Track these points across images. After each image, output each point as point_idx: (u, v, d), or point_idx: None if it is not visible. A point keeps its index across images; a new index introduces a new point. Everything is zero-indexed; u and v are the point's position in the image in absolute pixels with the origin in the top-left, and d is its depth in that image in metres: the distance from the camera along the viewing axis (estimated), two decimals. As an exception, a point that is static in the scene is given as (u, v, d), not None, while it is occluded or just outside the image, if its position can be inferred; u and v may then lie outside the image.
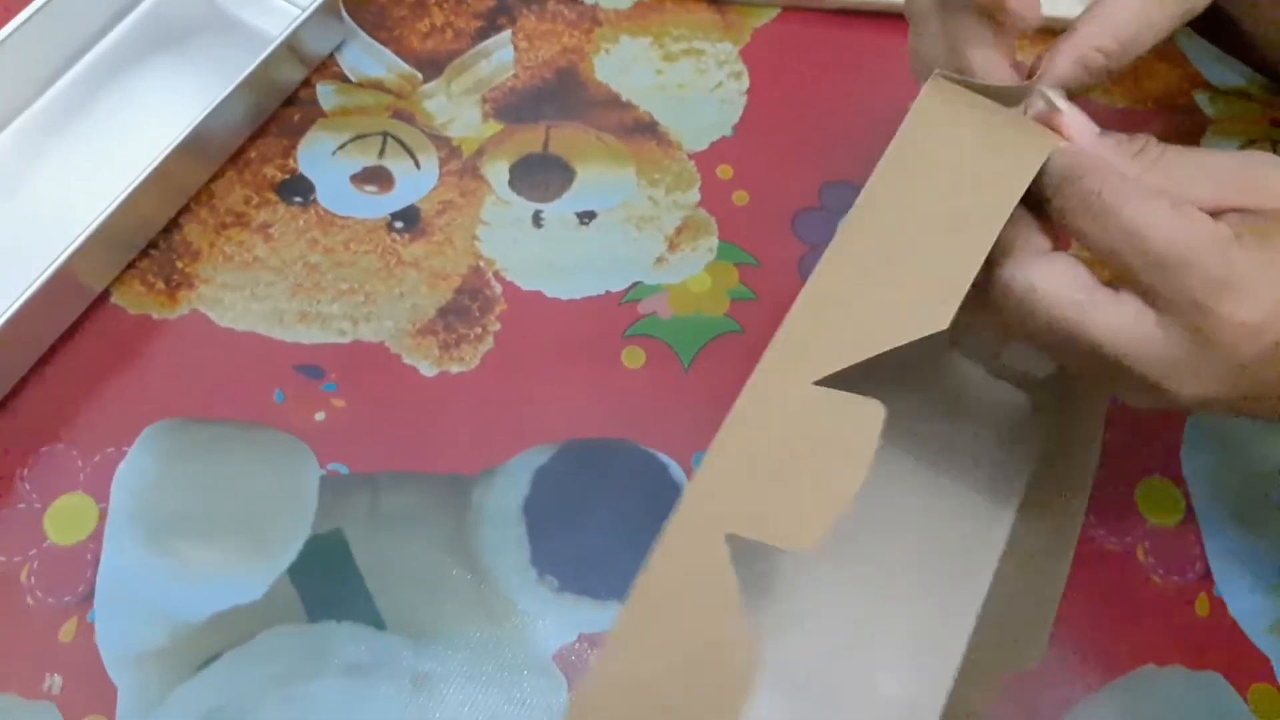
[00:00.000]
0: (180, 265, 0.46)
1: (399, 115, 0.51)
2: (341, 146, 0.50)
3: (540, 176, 0.50)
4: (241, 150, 0.49)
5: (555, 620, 0.40)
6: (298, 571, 0.40)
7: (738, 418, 0.29)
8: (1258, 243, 0.29)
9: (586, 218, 0.49)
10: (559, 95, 0.52)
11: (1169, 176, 0.31)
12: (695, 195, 0.50)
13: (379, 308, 0.46)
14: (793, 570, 0.40)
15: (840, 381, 0.29)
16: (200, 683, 0.38)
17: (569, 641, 0.40)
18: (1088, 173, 0.31)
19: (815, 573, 0.41)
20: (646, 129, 0.51)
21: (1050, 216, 0.32)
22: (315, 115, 0.50)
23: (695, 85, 0.53)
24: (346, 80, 0.52)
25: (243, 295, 0.46)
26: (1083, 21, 0.34)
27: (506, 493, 0.42)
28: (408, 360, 0.45)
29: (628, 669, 0.28)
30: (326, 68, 0.52)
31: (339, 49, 0.52)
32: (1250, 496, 0.44)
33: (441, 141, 0.50)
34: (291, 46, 0.48)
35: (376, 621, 0.40)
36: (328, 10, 0.49)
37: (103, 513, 0.41)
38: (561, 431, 0.44)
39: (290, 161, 0.49)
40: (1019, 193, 0.31)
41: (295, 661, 0.39)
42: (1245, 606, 0.42)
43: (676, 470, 0.43)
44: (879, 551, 0.41)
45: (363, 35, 0.53)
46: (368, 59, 0.52)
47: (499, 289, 0.47)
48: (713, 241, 0.48)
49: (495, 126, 0.51)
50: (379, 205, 0.48)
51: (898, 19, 0.54)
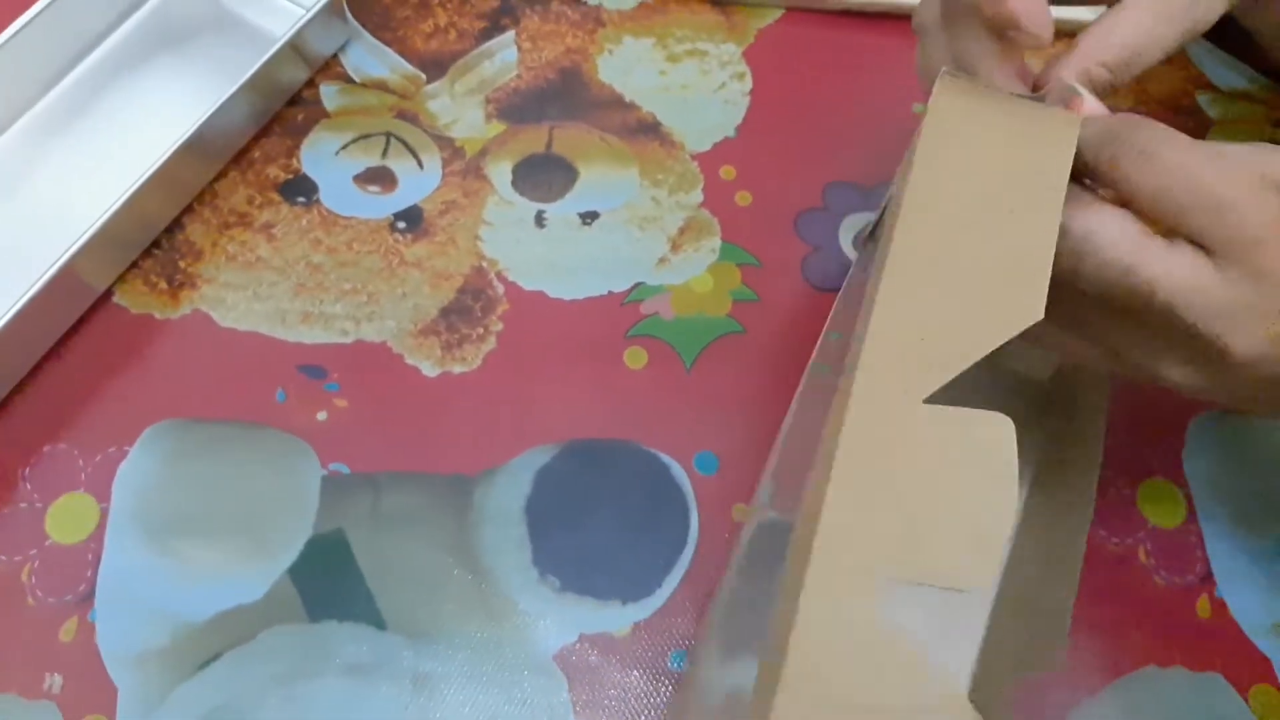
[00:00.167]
0: (183, 265, 0.46)
1: (402, 115, 0.51)
2: (345, 146, 0.50)
3: (543, 177, 0.50)
4: (245, 150, 0.49)
5: (556, 620, 0.40)
6: (299, 571, 0.40)
7: (850, 449, 0.28)
8: None
9: (589, 218, 0.49)
10: (562, 96, 0.52)
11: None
12: (698, 196, 0.50)
13: (381, 308, 0.46)
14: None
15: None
16: (201, 682, 0.38)
17: (570, 642, 0.40)
18: (1137, 125, 0.31)
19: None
20: (649, 129, 0.51)
21: (1096, 174, 0.32)
22: (318, 115, 0.50)
23: (698, 86, 0.53)
24: (350, 80, 0.52)
25: (245, 295, 0.46)
26: (1087, 35, 0.34)
27: (508, 493, 0.42)
28: (410, 360, 0.45)
29: None
30: (330, 68, 0.52)
31: (343, 49, 0.52)
32: (1252, 498, 0.44)
33: (444, 142, 0.50)
34: (295, 46, 0.48)
35: (377, 621, 0.40)
36: (331, 10, 0.49)
37: (104, 512, 0.41)
38: (563, 432, 0.44)
39: (293, 161, 0.49)
40: (1066, 173, 0.30)
41: (296, 661, 0.39)
42: (1246, 608, 0.42)
43: (678, 470, 0.43)
44: None
45: (366, 35, 0.53)
46: (371, 59, 0.52)
47: (501, 289, 0.47)
48: (715, 242, 0.48)
49: (498, 127, 0.51)
50: (382, 205, 0.48)
51: (901, 20, 0.54)
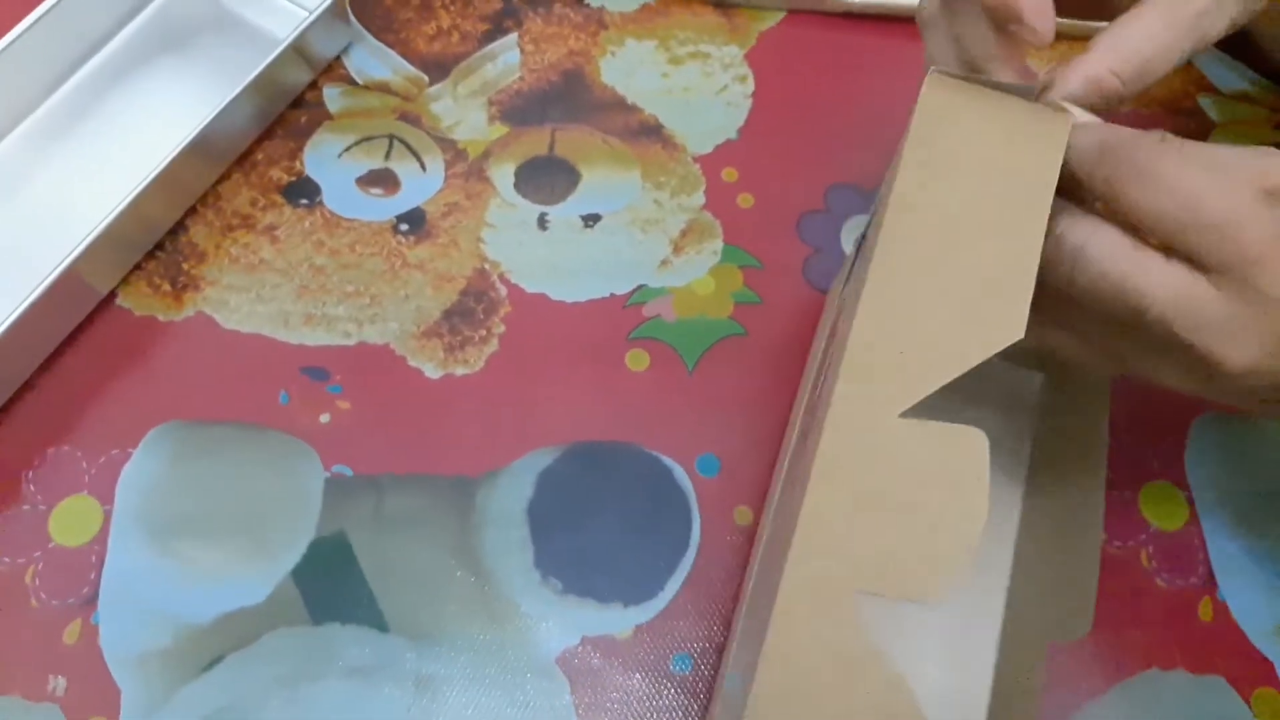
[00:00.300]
0: (186, 267, 0.46)
1: (405, 118, 0.51)
2: (347, 149, 0.50)
3: (545, 179, 0.50)
4: (248, 152, 0.49)
5: (558, 623, 0.40)
6: (301, 573, 0.40)
7: (827, 460, 0.28)
8: None
9: (591, 220, 0.49)
10: (564, 98, 0.52)
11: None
12: (700, 198, 0.50)
13: (384, 310, 0.46)
14: None
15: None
16: (204, 684, 0.39)
17: (572, 644, 0.40)
18: (1131, 143, 0.31)
19: None
20: (652, 132, 0.51)
21: (1091, 189, 0.32)
22: (321, 118, 0.51)
23: (700, 88, 0.53)
24: (353, 83, 0.52)
25: (248, 297, 0.46)
26: (1099, 41, 0.34)
27: (510, 495, 0.42)
28: (413, 362, 0.45)
29: None
30: (333, 70, 0.52)
31: (345, 52, 0.52)
32: (1254, 500, 0.44)
33: (447, 144, 0.50)
34: (298, 49, 0.48)
35: (380, 623, 0.40)
36: (334, 13, 0.49)
37: (107, 514, 0.41)
38: (566, 434, 0.44)
39: (296, 164, 0.49)
40: (1053, 180, 0.30)
41: (299, 663, 0.39)
42: (1248, 610, 0.42)
43: (680, 473, 0.43)
44: None
45: (369, 38, 0.53)
46: (374, 61, 0.52)
47: (504, 291, 0.47)
48: (717, 244, 0.48)
49: (501, 129, 0.51)
50: (384, 208, 0.48)
51: (902, 22, 0.55)
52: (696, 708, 0.39)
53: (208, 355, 0.45)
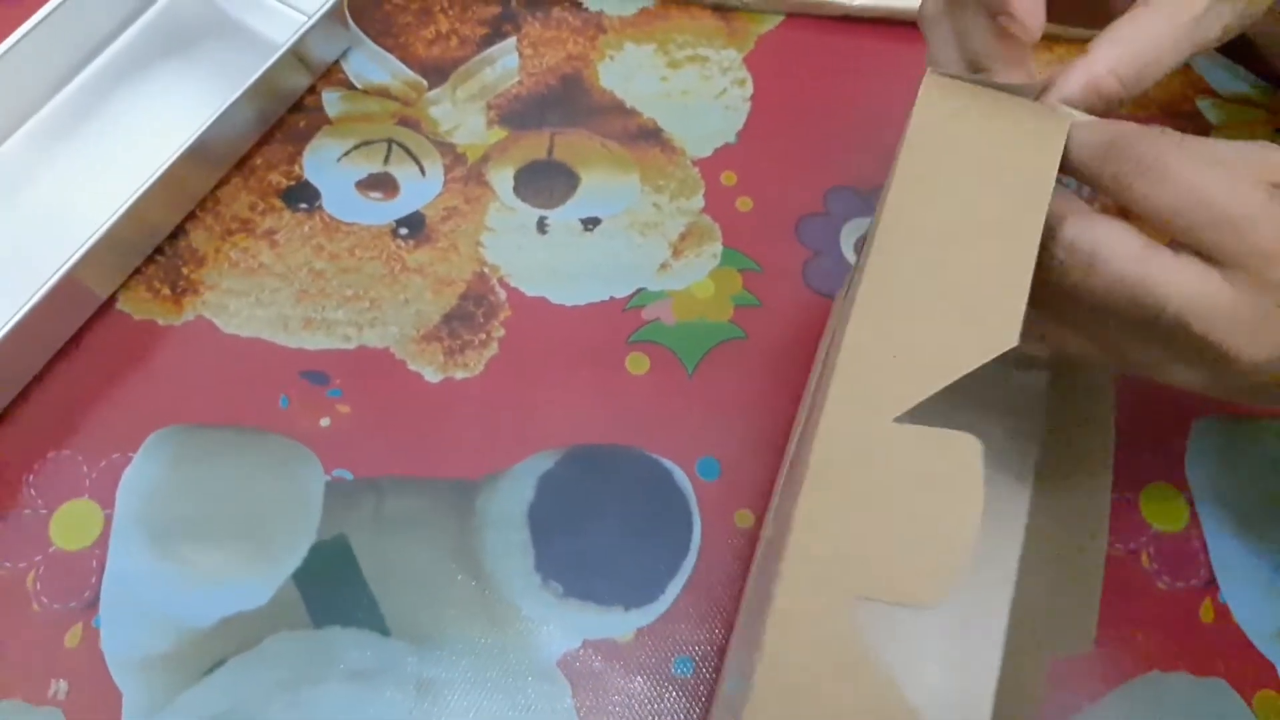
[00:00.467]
0: (186, 271, 0.46)
1: (404, 122, 0.51)
2: (347, 153, 0.50)
3: (545, 183, 0.50)
4: (247, 157, 0.49)
5: (559, 626, 0.40)
6: (302, 577, 0.40)
7: (821, 464, 0.28)
8: None
9: (591, 224, 0.49)
10: (563, 102, 0.52)
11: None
12: (699, 201, 0.50)
13: (384, 314, 0.46)
14: None
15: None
16: (205, 688, 0.39)
17: (573, 647, 0.40)
18: (1137, 138, 0.31)
19: None
20: (651, 135, 0.51)
21: (1099, 187, 0.32)
22: (321, 122, 0.51)
23: (699, 92, 0.53)
24: (352, 87, 0.52)
25: (248, 301, 0.46)
26: (1098, 43, 0.34)
27: (511, 498, 0.42)
28: (412, 366, 0.45)
29: None
30: (332, 74, 0.52)
31: (345, 56, 0.52)
32: (1255, 502, 0.44)
33: (446, 148, 0.50)
34: (297, 53, 0.48)
35: (381, 627, 0.40)
36: (333, 17, 0.50)
37: (108, 518, 0.41)
38: (566, 437, 0.44)
39: (296, 168, 0.49)
40: (1050, 183, 0.30)
41: (300, 667, 0.39)
42: (1250, 612, 0.42)
43: (680, 476, 0.43)
44: None
45: (368, 42, 0.53)
46: (373, 66, 0.52)
47: (503, 295, 0.47)
48: (716, 247, 0.49)
49: (500, 133, 0.51)
50: (384, 212, 0.48)
51: (901, 25, 0.55)
52: (698, 711, 0.39)
53: (207, 359, 0.45)
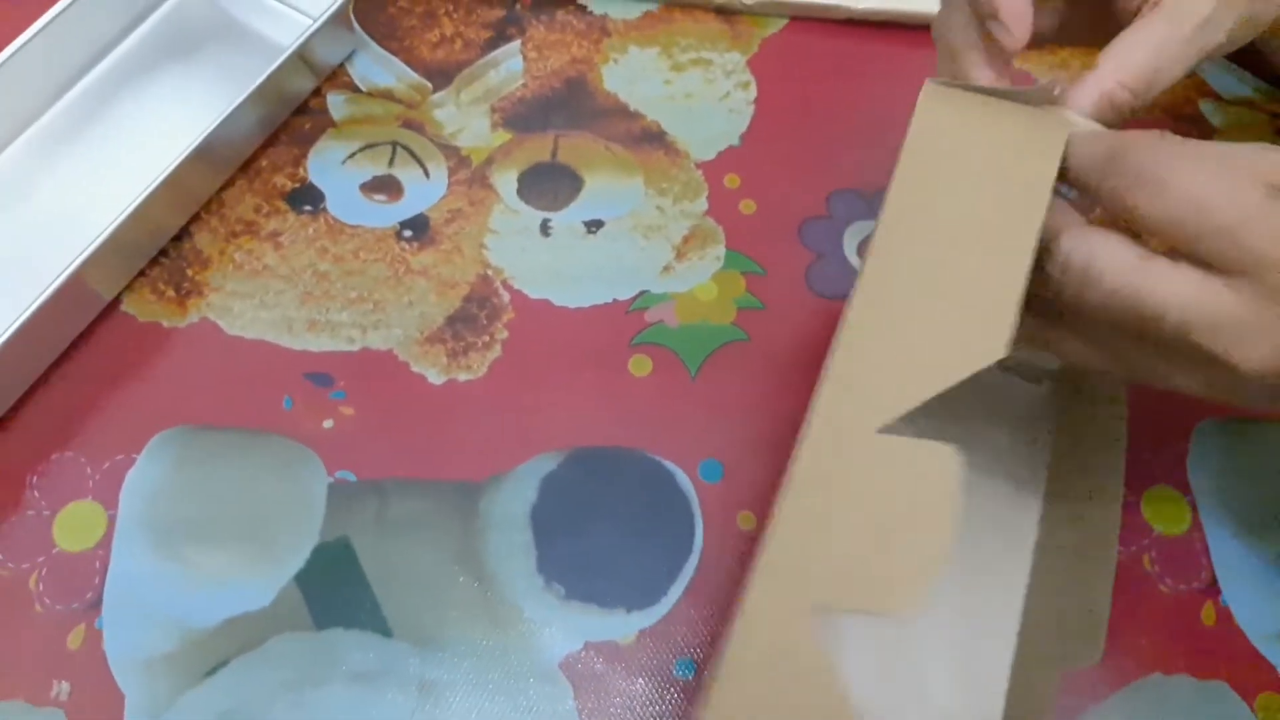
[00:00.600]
0: (190, 273, 0.47)
1: (408, 125, 0.51)
2: (351, 155, 0.50)
3: (548, 185, 0.50)
4: (252, 159, 0.49)
5: (562, 628, 0.40)
6: (305, 578, 0.41)
7: (805, 474, 0.28)
8: None
9: (594, 226, 0.49)
10: (567, 105, 0.52)
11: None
12: (703, 204, 0.50)
13: (387, 316, 0.46)
14: None
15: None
16: (208, 689, 0.39)
17: (575, 649, 0.40)
18: (1133, 150, 0.31)
19: None
20: (654, 138, 0.51)
21: (1097, 199, 0.32)
22: (325, 124, 0.51)
23: (703, 95, 0.53)
24: (357, 90, 0.52)
25: (252, 303, 0.46)
26: (1106, 56, 0.34)
27: (514, 500, 0.43)
28: (416, 368, 0.45)
29: None
30: (337, 77, 0.52)
31: (349, 59, 0.53)
32: (1256, 505, 0.44)
33: (450, 151, 0.50)
34: (302, 56, 0.48)
35: (383, 629, 0.40)
36: (338, 20, 0.50)
37: (111, 519, 0.41)
38: (569, 439, 0.44)
39: (300, 170, 0.49)
40: (1048, 191, 0.30)
41: (303, 668, 0.39)
42: (1251, 615, 0.42)
43: (683, 478, 0.43)
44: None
45: (373, 45, 0.53)
46: (378, 68, 0.52)
47: (507, 297, 0.47)
48: (720, 250, 0.49)
49: (504, 136, 0.51)
50: (388, 214, 0.49)
51: (905, 28, 0.55)
52: (699, 713, 0.39)
53: (211, 361, 0.45)
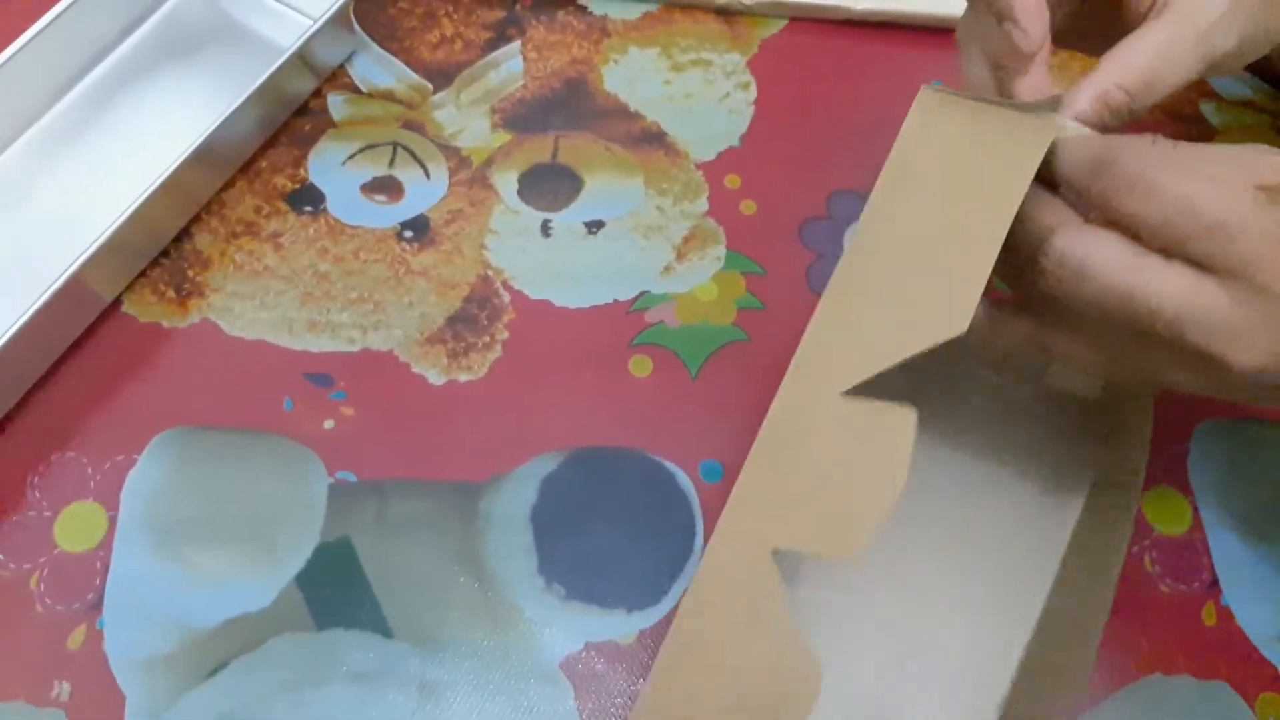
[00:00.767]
0: (191, 274, 0.47)
1: (409, 125, 0.51)
2: (351, 156, 0.50)
3: (549, 186, 0.50)
4: (252, 160, 0.49)
5: (562, 628, 0.40)
6: (306, 579, 0.41)
7: (770, 434, 0.29)
8: None
9: (595, 227, 0.49)
10: (567, 105, 0.52)
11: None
12: (703, 205, 0.50)
13: (388, 316, 0.46)
14: (828, 597, 0.40)
15: (882, 392, 0.29)
16: (209, 689, 0.39)
17: (576, 650, 0.40)
18: (1123, 154, 0.31)
19: (856, 598, 0.41)
20: (654, 139, 0.51)
21: (1088, 203, 0.32)
22: (326, 125, 0.51)
23: (703, 95, 0.53)
24: (357, 90, 0.52)
25: (253, 304, 0.46)
26: (1108, 58, 0.34)
27: (514, 500, 0.43)
28: (416, 369, 0.45)
29: (679, 700, 0.28)
30: (337, 78, 0.52)
31: (350, 59, 0.53)
32: (1257, 505, 0.44)
33: (451, 151, 0.50)
34: (303, 57, 0.48)
35: (384, 629, 0.40)
36: (339, 21, 0.50)
37: (112, 520, 0.41)
38: (569, 439, 0.44)
39: (301, 171, 0.49)
40: (1023, 188, 0.31)
41: (303, 668, 0.39)
42: (1252, 615, 0.42)
43: (684, 478, 0.43)
44: (919, 572, 0.41)
45: (373, 46, 0.53)
46: (378, 69, 0.52)
47: (507, 298, 0.47)
48: (720, 250, 0.49)
49: (504, 136, 0.51)
50: (388, 214, 0.49)
51: (905, 29, 0.55)
52: (700, 713, 0.39)
53: (212, 362, 0.45)
